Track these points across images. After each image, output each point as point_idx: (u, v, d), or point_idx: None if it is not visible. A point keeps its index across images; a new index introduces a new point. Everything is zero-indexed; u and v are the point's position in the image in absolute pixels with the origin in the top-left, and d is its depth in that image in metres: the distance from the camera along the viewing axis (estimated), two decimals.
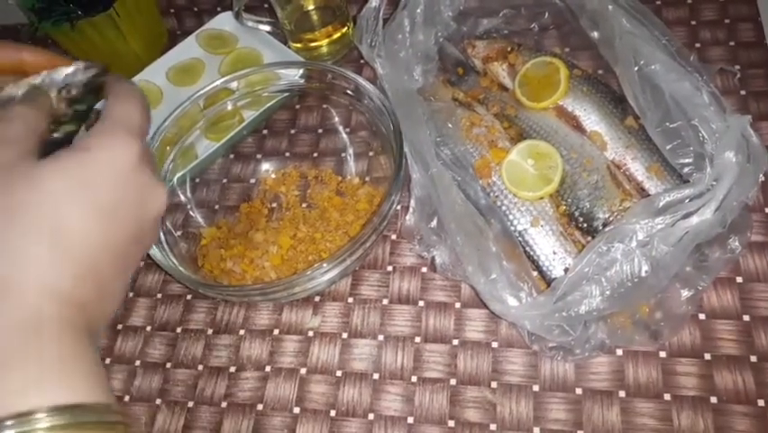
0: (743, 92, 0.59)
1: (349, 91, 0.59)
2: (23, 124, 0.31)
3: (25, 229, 0.28)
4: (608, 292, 0.43)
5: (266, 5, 0.76)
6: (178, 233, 0.58)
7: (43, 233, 0.28)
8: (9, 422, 0.24)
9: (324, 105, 0.66)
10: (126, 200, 0.32)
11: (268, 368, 0.54)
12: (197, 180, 0.65)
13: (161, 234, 0.55)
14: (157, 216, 0.34)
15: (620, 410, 0.47)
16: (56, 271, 0.29)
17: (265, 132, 0.68)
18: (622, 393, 0.48)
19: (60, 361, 0.27)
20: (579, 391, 0.49)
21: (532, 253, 0.51)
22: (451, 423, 0.49)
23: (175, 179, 0.60)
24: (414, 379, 0.51)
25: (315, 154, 0.65)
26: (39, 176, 0.29)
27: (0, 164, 0.29)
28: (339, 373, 0.53)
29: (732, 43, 0.62)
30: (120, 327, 0.59)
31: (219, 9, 0.77)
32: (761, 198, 0.53)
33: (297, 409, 0.52)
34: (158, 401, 0.55)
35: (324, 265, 0.48)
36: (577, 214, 0.52)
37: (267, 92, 0.63)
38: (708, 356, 0.48)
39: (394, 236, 0.58)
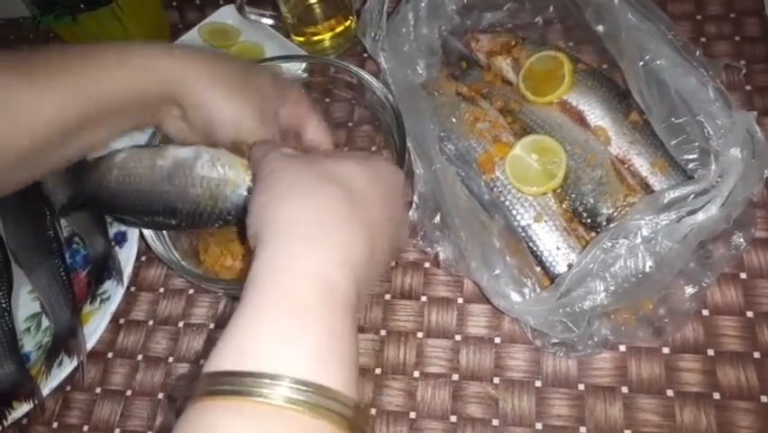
0: (748, 87, 0.59)
1: (352, 85, 0.58)
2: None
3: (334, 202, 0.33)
4: (612, 288, 0.43)
5: None
6: None
7: (345, 199, 0.33)
8: (255, 379, 0.26)
9: (327, 100, 0.66)
10: (397, 204, 0.38)
11: None
12: None
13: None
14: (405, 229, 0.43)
15: (623, 406, 0.47)
16: (360, 248, 0.32)
17: None
18: (625, 389, 0.48)
19: (336, 340, 0.29)
20: (581, 386, 0.48)
21: (535, 248, 0.51)
22: (453, 418, 0.49)
23: None
24: (416, 374, 0.51)
25: None
26: (337, 156, 0.38)
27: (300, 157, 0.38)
28: None
29: (737, 38, 0.62)
30: (122, 321, 0.59)
31: (221, 2, 0.77)
32: (765, 194, 0.53)
33: None
34: (160, 396, 0.55)
35: None
36: (581, 209, 0.51)
37: None
38: (711, 352, 0.48)
39: None
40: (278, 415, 0.26)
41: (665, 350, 0.49)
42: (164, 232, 0.55)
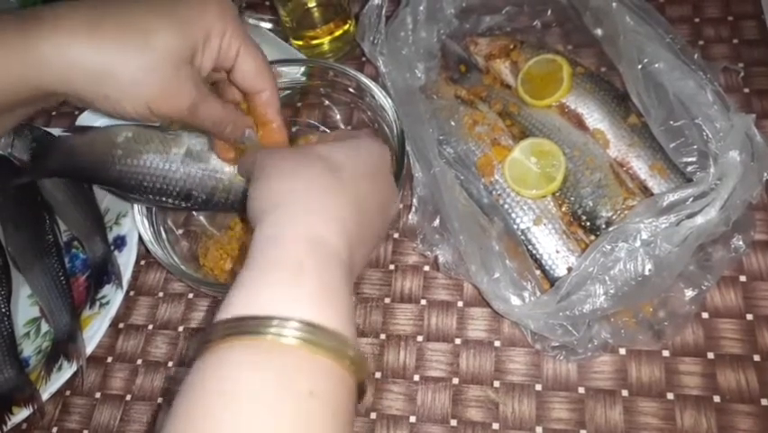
0: (746, 90, 0.59)
1: (351, 89, 0.58)
2: None
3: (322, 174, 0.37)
4: (611, 292, 0.43)
5: (267, 2, 0.76)
6: (180, 231, 0.58)
7: (334, 174, 0.37)
8: (266, 321, 0.30)
9: (326, 103, 0.66)
10: (383, 174, 0.42)
11: None
12: None
13: (163, 231, 0.55)
14: (394, 199, 0.44)
15: (623, 409, 0.47)
16: (347, 210, 0.36)
17: None
18: (625, 392, 0.48)
19: (329, 290, 0.33)
20: (581, 390, 0.48)
21: (535, 251, 0.51)
22: (453, 422, 0.49)
23: None
24: (416, 378, 0.51)
25: None
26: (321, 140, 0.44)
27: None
28: None
29: (735, 41, 0.62)
30: (121, 325, 0.59)
31: None
32: (765, 197, 0.53)
33: None
34: (159, 400, 0.54)
35: None
36: (580, 212, 0.51)
37: None
38: (711, 355, 0.48)
39: (396, 235, 0.58)
40: (289, 351, 0.29)
41: (665, 353, 0.49)
42: (163, 236, 0.55)
